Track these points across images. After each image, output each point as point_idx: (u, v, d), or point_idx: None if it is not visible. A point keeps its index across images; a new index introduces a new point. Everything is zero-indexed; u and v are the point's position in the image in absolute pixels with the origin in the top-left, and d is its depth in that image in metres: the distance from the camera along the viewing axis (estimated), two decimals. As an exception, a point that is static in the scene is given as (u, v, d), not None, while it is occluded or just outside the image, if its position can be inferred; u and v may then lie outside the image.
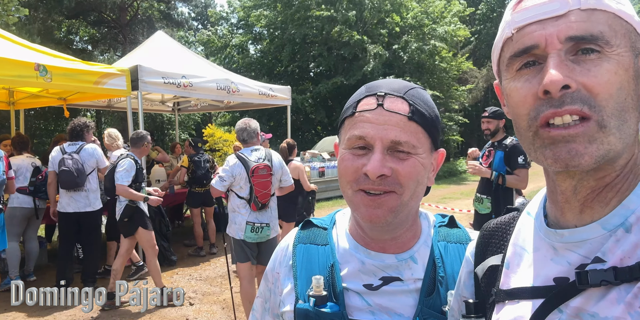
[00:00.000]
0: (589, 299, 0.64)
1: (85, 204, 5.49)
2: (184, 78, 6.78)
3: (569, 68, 0.63)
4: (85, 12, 20.21)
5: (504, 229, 0.87)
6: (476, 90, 27.51)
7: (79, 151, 5.51)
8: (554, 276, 0.70)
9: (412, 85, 0.97)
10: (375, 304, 0.95)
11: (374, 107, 0.90)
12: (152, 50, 8.07)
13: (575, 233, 0.69)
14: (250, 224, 4.25)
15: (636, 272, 0.61)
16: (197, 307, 5.14)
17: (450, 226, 1.07)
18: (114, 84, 6.11)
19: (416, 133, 0.90)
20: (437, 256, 0.99)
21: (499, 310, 0.78)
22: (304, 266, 1.01)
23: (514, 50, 0.69)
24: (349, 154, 0.92)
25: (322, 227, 1.08)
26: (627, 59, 0.64)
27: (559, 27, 0.64)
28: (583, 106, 0.62)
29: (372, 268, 0.97)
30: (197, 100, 9.66)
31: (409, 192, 0.90)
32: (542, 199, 0.81)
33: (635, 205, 0.65)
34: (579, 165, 0.63)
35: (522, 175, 4.47)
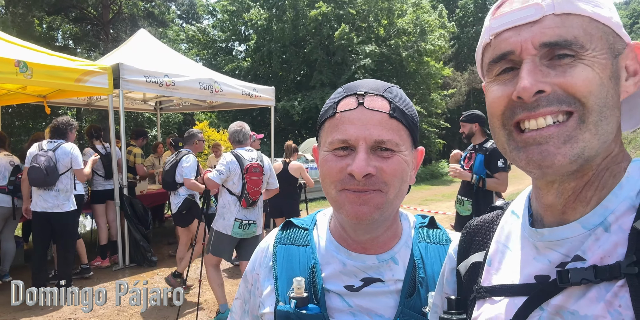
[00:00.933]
0: (570, 297, 0.65)
1: (53, 204, 5.30)
2: (167, 77, 6.73)
3: (543, 73, 0.64)
4: (66, 9, 19.88)
5: (487, 227, 0.88)
6: (458, 94, 27.79)
7: (55, 149, 5.37)
8: (535, 274, 0.71)
9: (389, 84, 0.97)
10: (356, 305, 0.94)
11: (354, 106, 0.90)
12: (135, 48, 7.98)
13: (555, 232, 0.70)
14: (239, 220, 4.43)
15: (616, 271, 0.61)
16: (177, 309, 5.09)
17: (430, 227, 1.07)
18: (95, 82, 6.04)
19: (398, 130, 0.90)
20: (418, 257, 0.98)
21: (479, 307, 0.79)
22: (285, 267, 1.00)
23: (492, 56, 0.70)
24: (331, 155, 0.91)
25: (303, 227, 1.07)
26: (604, 61, 0.65)
27: (533, 33, 0.65)
28: (561, 105, 0.63)
29: (353, 269, 0.96)
30: (179, 100, 9.58)
31: (394, 190, 0.90)
32: (526, 197, 0.82)
33: (614, 204, 0.66)
34: (552, 166, 0.64)
35: (501, 179, 4.53)
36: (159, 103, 10.32)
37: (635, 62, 0.70)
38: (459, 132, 5.01)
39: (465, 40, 34.63)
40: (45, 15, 19.52)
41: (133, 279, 6.10)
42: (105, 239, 6.83)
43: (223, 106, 10.07)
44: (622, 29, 0.70)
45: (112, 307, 5.10)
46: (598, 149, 0.65)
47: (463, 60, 33.90)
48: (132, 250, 6.65)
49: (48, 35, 20.90)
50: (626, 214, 0.65)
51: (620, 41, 0.69)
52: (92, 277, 6.13)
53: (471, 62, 33.64)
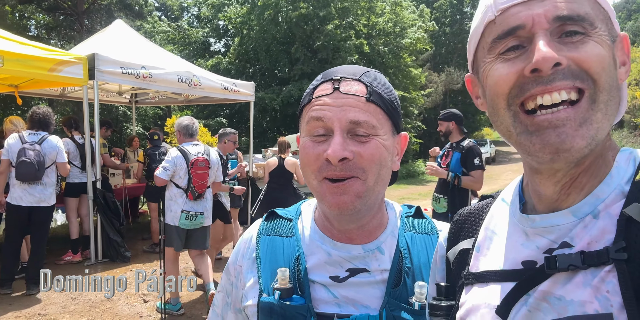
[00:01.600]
0: (556, 283, 0.65)
1: (40, 198, 5.22)
2: (144, 69, 6.59)
3: (557, 47, 0.63)
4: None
5: (477, 215, 0.88)
6: (435, 94, 28.12)
7: (41, 142, 5.22)
8: (522, 259, 0.71)
9: (367, 69, 0.95)
10: (341, 296, 0.93)
11: (330, 91, 0.89)
12: (111, 39, 7.78)
13: (546, 218, 0.70)
14: (185, 212, 4.68)
15: (603, 256, 0.61)
16: (152, 304, 5.01)
17: (416, 217, 1.06)
18: (70, 72, 5.86)
19: (375, 113, 0.89)
20: (404, 247, 0.97)
21: (467, 292, 0.79)
22: (268, 258, 0.98)
23: (499, 32, 0.67)
24: (309, 141, 0.90)
25: (287, 218, 1.05)
26: (608, 42, 0.65)
27: (546, 7, 0.64)
28: (575, 80, 0.62)
29: (339, 259, 0.95)
30: (155, 93, 9.41)
31: (373, 176, 0.88)
32: (517, 185, 0.82)
33: (605, 194, 0.66)
34: (571, 149, 0.62)
35: (477, 177, 4.59)
36: (134, 96, 10.12)
37: (623, 53, 0.70)
38: (437, 131, 5.10)
39: (442, 41, 35.06)
40: (17, 3, 18.91)
41: (105, 275, 5.96)
42: (76, 233, 6.65)
43: (200, 100, 9.93)
44: (615, 17, 0.70)
45: (84, 303, 4.98)
46: (607, 130, 0.65)
47: (440, 62, 34.32)
48: (104, 246, 6.50)
49: (21, 25, 20.26)
50: (615, 201, 0.65)
51: (614, 29, 0.69)
52: (63, 272, 5.97)
53: (447, 63, 34.11)
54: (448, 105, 30.46)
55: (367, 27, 21.73)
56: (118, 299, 5.09)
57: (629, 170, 0.68)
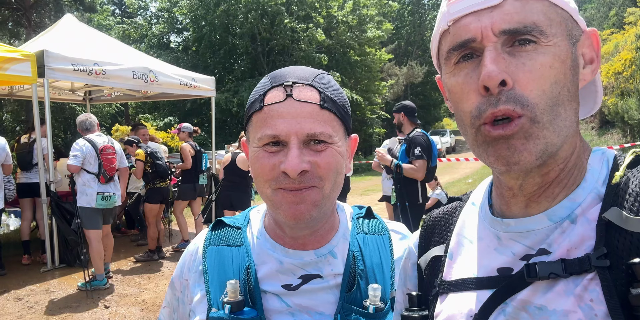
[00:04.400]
0: (535, 292, 0.63)
1: None
2: (97, 65, 6.33)
3: (506, 62, 0.62)
4: (-18, -9, 18.33)
5: (447, 219, 0.86)
6: (396, 86, 28.48)
7: None
8: (498, 267, 0.69)
9: (318, 71, 0.92)
10: (294, 304, 0.90)
11: (282, 98, 0.84)
12: (61, 34, 7.43)
13: (521, 223, 0.68)
14: (101, 193, 5.33)
15: (585, 264, 0.59)
16: (114, 310, 4.84)
17: (367, 217, 1.04)
18: (17, 70, 5.59)
19: (330, 121, 0.86)
20: (356, 249, 0.95)
21: (442, 302, 0.77)
22: (217, 270, 0.93)
23: (452, 43, 0.67)
24: (262, 151, 0.85)
25: (235, 226, 1.01)
26: (564, 48, 0.63)
27: (494, 19, 0.62)
28: (515, 106, 0.61)
29: (291, 267, 0.92)
30: (110, 90, 9.08)
31: (329, 184, 0.86)
32: (486, 188, 0.81)
33: (581, 198, 0.65)
34: (519, 162, 0.62)
35: (417, 166, 4.63)
36: (88, 93, 9.75)
37: (591, 50, 0.69)
38: None
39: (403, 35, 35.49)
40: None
41: (63, 280, 5.73)
42: (26, 234, 6.44)
43: (159, 96, 9.69)
44: (579, 15, 0.68)
45: (41, 312, 4.75)
46: (559, 144, 0.64)
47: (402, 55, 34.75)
48: (61, 250, 6.24)
49: (-39, 20, 19.20)
50: (592, 204, 0.64)
51: (577, 27, 0.67)
52: (18, 280, 5.70)
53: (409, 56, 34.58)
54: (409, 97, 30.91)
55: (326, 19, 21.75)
56: (77, 306, 4.89)
57: (603, 171, 0.67)
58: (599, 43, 0.70)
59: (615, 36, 23.78)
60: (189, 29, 22.89)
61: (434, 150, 4.80)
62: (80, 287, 5.33)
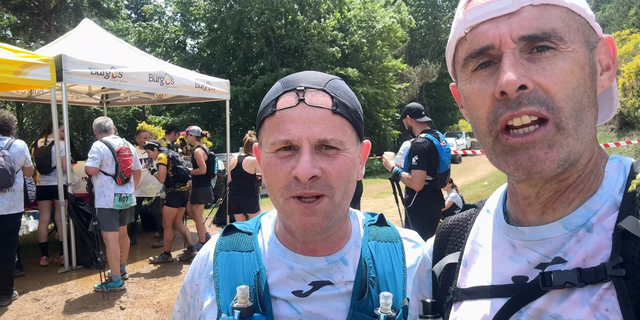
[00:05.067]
0: (551, 300, 0.63)
1: (9, 206, 5.02)
2: (113, 68, 6.41)
3: (525, 67, 0.62)
4: (4, -3, 18.73)
5: (461, 226, 0.86)
6: (412, 88, 28.33)
7: (8, 147, 5.05)
8: (513, 275, 0.68)
9: (330, 77, 0.92)
10: (305, 311, 0.90)
11: (294, 103, 0.84)
12: (79, 39, 7.54)
13: (536, 231, 0.68)
14: (118, 194, 5.47)
15: (601, 273, 0.59)
16: (129, 311, 4.88)
17: (379, 224, 1.04)
18: (36, 75, 5.68)
19: (342, 127, 0.86)
20: (368, 256, 0.95)
21: (456, 309, 0.77)
22: (227, 276, 0.93)
23: (469, 51, 0.67)
24: (274, 158, 0.85)
25: (247, 232, 1.01)
26: (582, 54, 0.63)
27: (512, 26, 0.62)
28: (541, 107, 0.61)
29: (302, 273, 0.92)
30: (127, 93, 9.19)
31: (340, 193, 0.86)
32: (501, 195, 0.80)
33: (597, 205, 0.64)
34: (542, 172, 0.62)
35: (413, 175, 4.41)
36: (105, 96, 9.88)
37: (608, 56, 0.69)
38: None
39: (417, 34, 35.30)
40: (-21, 3, 18.31)
41: (80, 282, 5.80)
42: (44, 236, 6.55)
43: (174, 99, 9.75)
44: (595, 22, 0.68)
45: (58, 313, 4.82)
46: (581, 151, 0.64)
47: (416, 55, 34.56)
48: (78, 252, 6.32)
49: (-17, 25, 19.64)
50: (608, 213, 0.63)
51: (594, 34, 0.67)
52: (36, 281, 5.79)
53: (423, 56, 34.36)
54: (424, 98, 30.73)
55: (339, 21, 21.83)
56: (94, 307, 4.95)
57: (620, 179, 0.66)
58: (615, 49, 0.70)
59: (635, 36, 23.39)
60: (203, 32, 23.10)
61: (443, 156, 4.50)
62: (96, 288, 5.41)
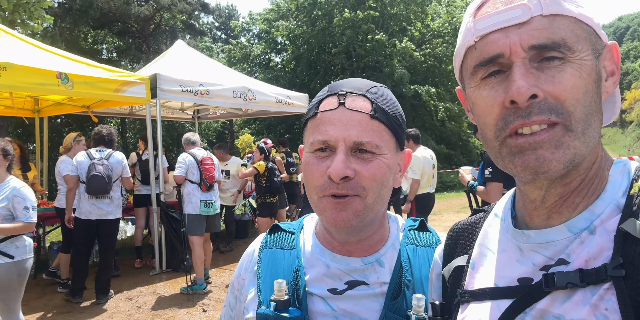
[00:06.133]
0: (554, 301, 0.64)
1: (107, 211, 5.49)
2: (202, 86, 6.87)
3: (535, 76, 0.63)
4: (110, 23, 20.74)
5: (470, 230, 0.87)
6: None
7: (107, 158, 5.55)
8: (518, 277, 0.70)
9: (374, 84, 0.95)
10: (339, 309, 0.92)
11: (335, 106, 0.88)
12: (172, 59, 8.19)
13: (541, 234, 0.69)
14: (203, 201, 5.91)
15: (602, 273, 0.60)
16: (210, 314, 5.15)
17: (420, 230, 1.04)
18: (133, 92, 6.24)
19: (379, 131, 0.88)
20: (405, 259, 0.96)
21: (463, 311, 0.78)
22: (269, 271, 0.98)
23: (479, 59, 0.68)
24: (313, 157, 0.90)
25: (290, 231, 1.06)
26: (589, 62, 0.65)
27: (522, 36, 0.64)
28: (551, 115, 0.62)
29: (338, 272, 0.95)
30: (215, 108, 9.76)
31: (372, 195, 0.88)
32: (509, 200, 0.82)
33: (601, 209, 0.66)
34: (548, 171, 0.63)
35: (488, 189, 4.26)
36: (196, 112, 10.56)
37: (612, 63, 0.70)
38: None
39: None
40: (90, 29, 20.39)
41: (169, 284, 6.21)
42: (139, 240, 7.11)
43: (259, 114, 10.20)
44: (601, 30, 0.69)
45: (148, 312, 5.20)
46: (586, 155, 0.65)
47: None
48: (168, 256, 6.79)
49: (94, 49, 21.81)
50: (611, 216, 0.64)
51: (600, 41, 0.68)
52: (130, 281, 6.29)
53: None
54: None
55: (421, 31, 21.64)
56: (179, 308, 5.28)
57: (624, 183, 0.67)
58: (619, 56, 0.71)
59: None
60: (287, 49, 23.93)
61: None
62: (182, 290, 5.77)
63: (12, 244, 3.48)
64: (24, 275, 3.54)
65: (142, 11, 19.24)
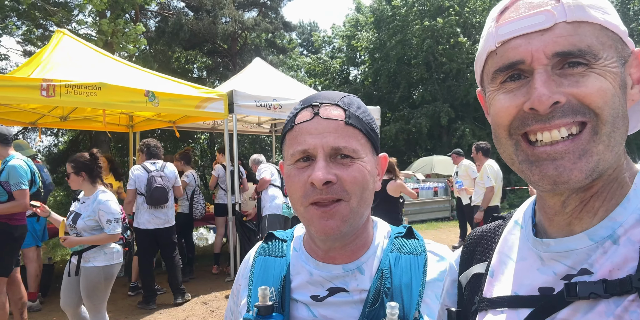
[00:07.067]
0: (576, 312, 0.63)
1: (164, 220, 5.79)
2: (275, 100, 7.17)
3: (557, 83, 0.61)
4: (200, 44, 22.16)
5: (489, 237, 0.85)
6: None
7: (162, 169, 5.90)
8: (539, 286, 0.69)
9: (345, 94, 0.99)
10: (320, 315, 0.95)
11: (310, 117, 0.92)
12: (249, 75, 8.65)
13: (561, 243, 0.68)
14: (285, 203, 6.52)
15: (627, 285, 0.59)
16: None
17: (407, 237, 1.04)
18: (213, 108, 6.66)
19: (355, 136, 0.92)
20: (386, 267, 0.96)
21: (481, 319, 0.76)
22: (260, 278, 1.02)
23: (499, 64, 0.67)
24: (294, 169, 0.93)
25: (283, 239, 1.09)
26: (615, 70, 0.63)
27: (545, 42, 0.62)
28: (576, 116, 0.60)
29: (320, 279, 0.98)
30: (290, 122, 10.06)
31: (356, 198, 0.90)
32: (530, 207, 0.80)
33: (623, 217, 0.64)
34: (569, 182, 0.61)
35: None
36: (273, 125, 10.96)
37: (638, 70, 0.68)
38: None
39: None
40: (183, 50, 21.94)
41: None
42: (218, 247, 7.51)
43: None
44: (628, 36, 0.67)
45: (220, 317, 5.45)
46: (611, 161, 0.63)
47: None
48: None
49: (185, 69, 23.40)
50: (635, 226, 0.62)
51: (627, 49, 0.66)
52: (206, 286, 6.63)
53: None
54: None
55: None
56: (249, 314, 5.48)
57: None
58: None
59: None
60: (365, 62, 24.13)
61: None
62: None
63: (101, 251, 3.83)
64: (110, 279, 3.87)
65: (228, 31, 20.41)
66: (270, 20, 22.18)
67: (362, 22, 24.06)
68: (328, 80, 25.39)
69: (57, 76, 5.45)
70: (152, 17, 21.06)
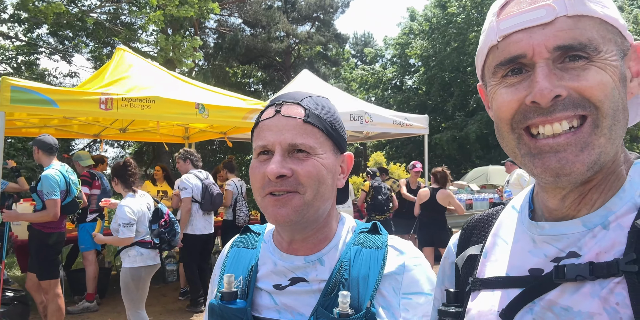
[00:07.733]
0: (563, 293, 0.65)
1: (203, 226, 6.02)
2: (317, 110, 7.31)
3: (558, 76, 0.62)
4: (257, 58, 22.89)
5: (486, 221, 0.88)
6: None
7: (208, 177, 6.20)
8: (530, 267, 0.71)
9: (311, 94, 1.04)
10: (281, 303, 1.00)
11: (272, 115, 0.98)
12: (297, 86, 8.85)
13: (555, 226, 0.70)
14: None
15: (614, 268, 0.60)
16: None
17: (372, 233, 1.07)
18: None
19: (313, 134, 0.96)
20: (346, 259, 0.99)
21: (474, 298, 0.78)
22: (232, 267, 1.08)
23: (501, 59, 0.67)
24: (256, 162, 0.98)
25: (257, 232, 1.16)
26: (615, 63, 0.63)
27: (547, 36, 0.63)
28: (577, 109, 0.61)
29: (283, 269, 1.02)
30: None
31: (311, 192, 0.94)
32: (528, 193, 0.82)
33: (617, 207, 0.66)
34: (571, 174, 0.62)
35: None
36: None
37: (637, 63, 0.69)
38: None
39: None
40: (239, 64, 22.74)
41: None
42: None
43: (379, 136, 10.41)
44: (627, 30, 0.68)
45: None
46: (612, 154, 0.64)
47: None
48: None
49: (241, 83, 24.20)
50: (626, 213, 0.64)
51: (626, 42, 0.67)
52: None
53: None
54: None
55: None
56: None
57: None
58: None
59: None
60: (419, 70, 23.91)
61: None
62: None
63: (126, 253, 4.14)
64: (137, 281, 4.09)
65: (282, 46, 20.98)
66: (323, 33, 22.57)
67: (416, 31, 23.94)
68: (381, 90, 25.36)
69: (115, 90, 5.87)
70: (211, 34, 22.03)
